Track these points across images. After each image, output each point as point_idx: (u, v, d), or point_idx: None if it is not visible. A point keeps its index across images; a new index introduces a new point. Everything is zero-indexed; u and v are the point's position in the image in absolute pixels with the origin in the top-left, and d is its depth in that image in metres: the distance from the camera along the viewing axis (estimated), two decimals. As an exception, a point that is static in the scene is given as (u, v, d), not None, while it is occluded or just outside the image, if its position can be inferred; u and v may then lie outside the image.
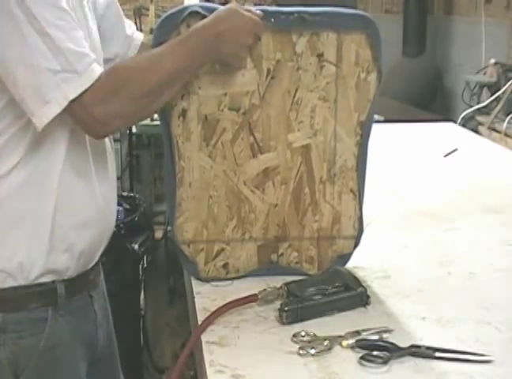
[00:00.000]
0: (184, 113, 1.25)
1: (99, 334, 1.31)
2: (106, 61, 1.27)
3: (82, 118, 1.10)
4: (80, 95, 1.07)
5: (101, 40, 1.27)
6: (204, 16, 1.20)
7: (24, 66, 1.05)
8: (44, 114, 1.07)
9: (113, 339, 1.40)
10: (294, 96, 1.26)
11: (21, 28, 1.04)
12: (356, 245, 1.35)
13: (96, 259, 1.28)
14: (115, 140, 1.64)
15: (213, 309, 1.17)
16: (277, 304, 1.18)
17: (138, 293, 2.54)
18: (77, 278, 1.23)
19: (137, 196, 2.59)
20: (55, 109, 1.07)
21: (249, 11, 1.19)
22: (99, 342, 1.31)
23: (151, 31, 3.03)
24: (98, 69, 1.09)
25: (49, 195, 1.15)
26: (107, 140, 1.26)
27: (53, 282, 1.19)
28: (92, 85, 1.07)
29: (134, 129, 4.75)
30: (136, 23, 3.67)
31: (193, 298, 1.26)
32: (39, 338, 1.17)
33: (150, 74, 1.13)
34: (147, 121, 4.58)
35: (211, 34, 1.16)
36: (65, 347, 1.21)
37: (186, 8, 1.23)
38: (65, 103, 1.07)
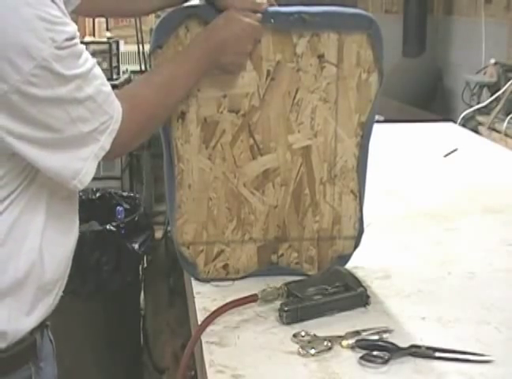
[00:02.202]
0: (183, 115, 1.25)
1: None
2: None
3: (105, 158, 1.04)
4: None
5: None
6: (204, 20, 1.20)
7: (63, 141, 0.98)
8: (86, 173, 1.01)
9: None
10: (294, 98, 1.26)
11: (65, 107, 0.96)
12: (357, 245, 1.35)
13: None
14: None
15: (213, 309, 1.17)
16: (277, 304, 1.19)
17: (138, 293, 2.54)
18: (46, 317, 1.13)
19: (137, 196, 2.59)
20: (95, 163, 1.01)
21: (248, 15, 1.18)
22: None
23: (151, 31, 3.04)
24: (118, 103, 1.03)
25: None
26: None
27: (31, 333, 1.09)
28: (119, 127, 1.03)
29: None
30: (136, 23, 3.66)
31: (193, 298, 1.26)
32: None
33: (168, 106, 1.16)
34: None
35: (212, 45, 1.16)
36: None
37: (184, 9, 1.22)
38: (102, 154, 1.02)
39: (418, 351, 1.06)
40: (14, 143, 0.96)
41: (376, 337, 1.10)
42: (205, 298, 1.25)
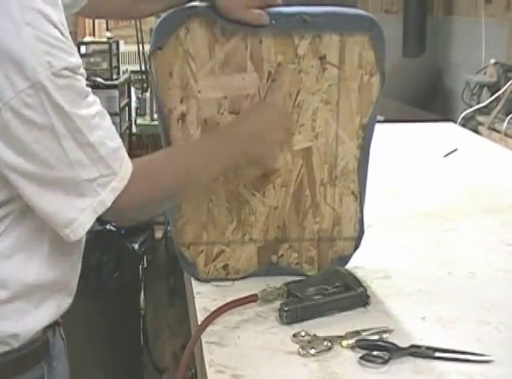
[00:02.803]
0: (183, 117, 1.24)
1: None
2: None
3: (109, 217, 1.02)
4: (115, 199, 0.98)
5: None
6: (205, 20, 1.19)
7: (59, 182, 0.95)
8: (80, 225, 0.97)
9: None
10: (295, 99, 1.26)
11: (62, 145, 0.93)
12: (357, 247, 1.35)
13: None
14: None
15: (213, 309, 1.17)
16: (277, 304, 1.19)
17: (138, 293, 2.54)
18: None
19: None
20: (92, 217, 0.97)
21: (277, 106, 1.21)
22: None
23: (151, 31, 3.04)
24: (129, 162, 1.00)
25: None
26: None
27: (43, 332, 1.09)
28: (125, 187, 0.99)
29: (134, 130, 4.75)
30: (136, 23, 3.67)
31: (193, 298, 1.26)
32: None
33: (187, 188, 1.15)
34: (147, 121, 4.60)
35: (245, 136, 1.18)
36: None
37: (184, 10, 1.21)
38: (102, 210, 0.97)
39: (418, 351, 1.06)
40: (7, 173, 0.93)
41: (376, 337, 1.10)
42: (205, 298, 1.25)
